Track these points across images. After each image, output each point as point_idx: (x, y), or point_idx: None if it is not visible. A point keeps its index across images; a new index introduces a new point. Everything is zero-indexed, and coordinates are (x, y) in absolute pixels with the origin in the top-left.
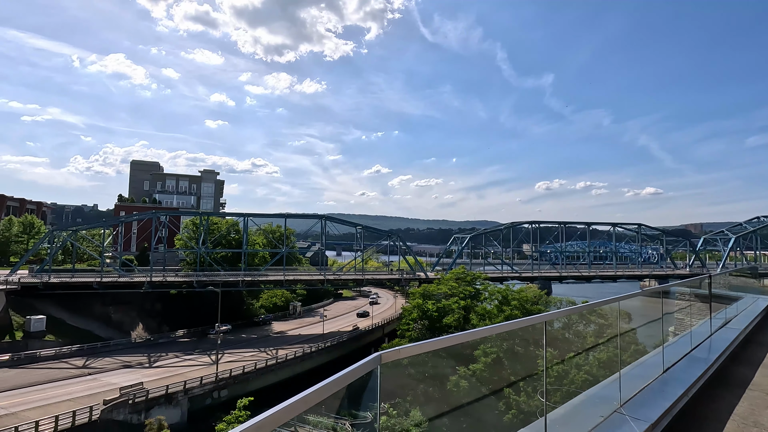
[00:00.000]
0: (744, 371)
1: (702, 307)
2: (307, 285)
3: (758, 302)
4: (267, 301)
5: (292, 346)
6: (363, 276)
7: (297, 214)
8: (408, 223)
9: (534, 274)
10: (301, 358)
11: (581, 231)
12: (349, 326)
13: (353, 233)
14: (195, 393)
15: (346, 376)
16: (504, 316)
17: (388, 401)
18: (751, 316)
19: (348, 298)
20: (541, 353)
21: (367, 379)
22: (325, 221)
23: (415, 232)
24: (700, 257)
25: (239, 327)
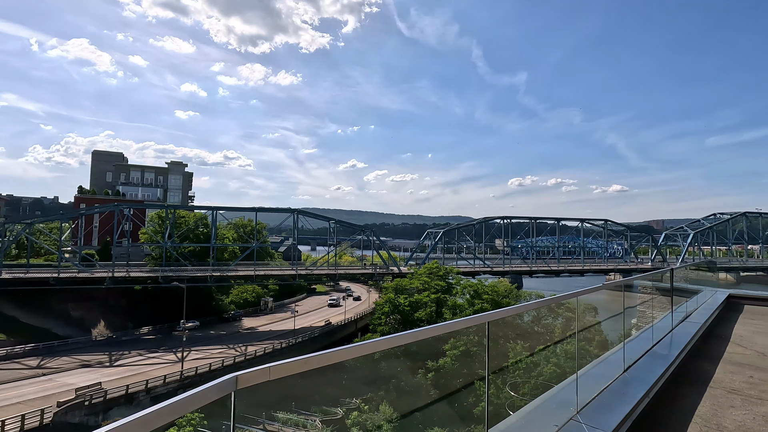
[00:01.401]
0: (706, 367)
1: (664, 301)
2: (279, 280)
3: (716, 295)
4: (237, 296)
5: (262, 342)
6: (336, 271)
7: (268, 207)
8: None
9: (505, 269)
10: (270, 355)
11: (551, 226)
12: (321, 321)
13: (327, 228)
14: (158, 392)
15: (194, 399)
16: (474, 310)
17: (359, 396)
18: (711, 309)
19: (322, 293)
20: (513, 346)
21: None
22: (298, 215)
23: (390, 227)
24: (661, 252)
25: (208, 323)
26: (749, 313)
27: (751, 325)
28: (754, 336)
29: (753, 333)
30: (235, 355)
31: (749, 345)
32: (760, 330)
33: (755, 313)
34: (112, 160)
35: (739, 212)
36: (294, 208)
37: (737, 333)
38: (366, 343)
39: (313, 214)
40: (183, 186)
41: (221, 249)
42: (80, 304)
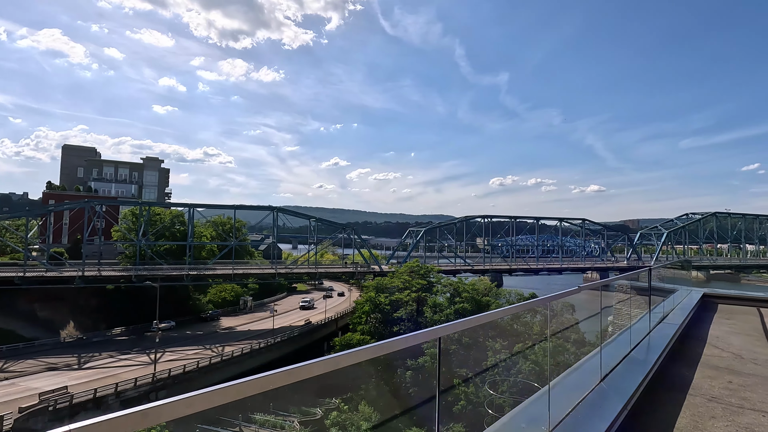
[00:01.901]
0: (684, 372)
1: (641, 301)
2: (259, 279)
3: (692, 295)
4: (215, 295)
5: (240, 342)
6: (316, 270)
7: (247, 205)
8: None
9: (485, 267)
10: (249, 355)
11: (531, 225)
12: (301, 320)
13: (309, 226)
14: (128, 395)
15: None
16: (455, 309)
17: (339, 396)
18: (687, 310)
19: (303, 291)
20: (492, 344)
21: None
22: (277, 213)
23: (372, 226)
24: (636, 251)
25: (184, 323)
26: (723, 312)
27: (726, 325)
28: (729, 337)
29: (728, 333)
30: (211, 356)
31: (725, 347)
32: (734, 330)
33: (729, 312)
34: (84, 155)
35: (709, 212)
36: (274, 205)
37: (713, 334)
38: (324, 360)
39: (294, 212)
40: (159, 182)
41: (199, 247)
42: (48, 305)
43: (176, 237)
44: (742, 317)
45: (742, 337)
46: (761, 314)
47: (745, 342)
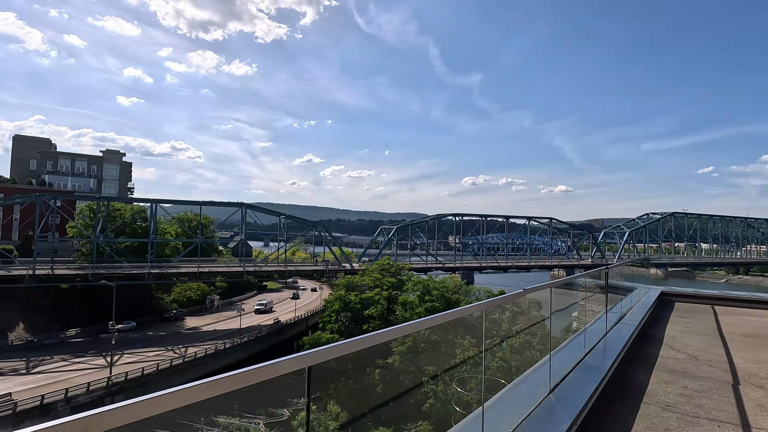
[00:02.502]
0: (639, 377)
1: (599, 301)
2: (227, 277)
3: (650, 293)
4: (180, 294)
5: (205, 342)
6: (286, 267)
7: (215, 201)
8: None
9: (456, 265)
10: (213, 356)
11: (500, 224)
12: (270, 320)
13: (280, 223)
14: (80, 401)
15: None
16: (425, 307)
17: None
18: (645, 309)
19: (273, 290)
20: (460, 342)
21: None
22: (246, 210)
23: (346, 223)
24: (600, 249)
25: (146, 324)
26: (680, 310)
27: (683, 324)
28: (685, 336)
29: (684, 333)
30: (172, 358)
31: (681, 347)
32: (690, 329)
33: (685, 311)
34: (37, 146)
35: (668, 213)
36: (243, 202)
37: (670, 334)
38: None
39: (264, 208)
40: (120, 177)
41: (162, 244)
42: None
43: (138, 234)
44: (697, 315)
45: (698, 336)
46: (715, 312)
47: (701, 342)
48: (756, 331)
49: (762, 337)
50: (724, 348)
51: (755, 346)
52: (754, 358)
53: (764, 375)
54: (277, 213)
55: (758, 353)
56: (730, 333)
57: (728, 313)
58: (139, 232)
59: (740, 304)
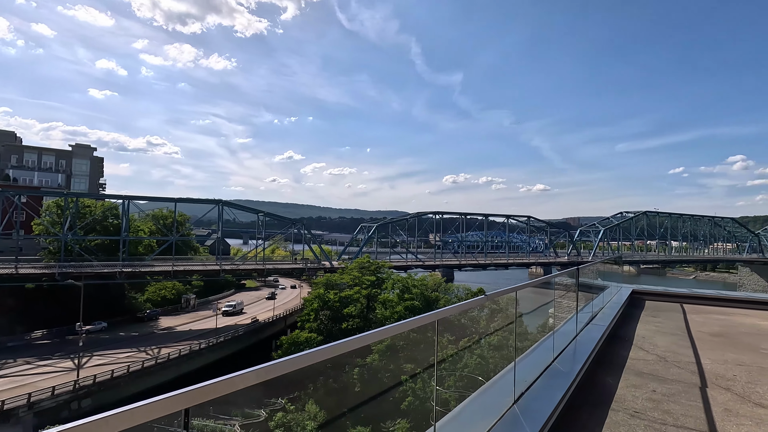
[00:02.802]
0: (608, 381)
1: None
2: (205, 276)
3: (621, 291)
4: (154, 294)
5: (179, 343)
6: (264, 266)
7: (190, 198)
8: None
9: (436, 263)
10: (188, 357)
11: (480, 222)
12: (248, 319)
13: (266, 221)
14: (44, 406)
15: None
16: (404, 306)
17: (285, 396)
18: (616, 308)
19: (252, 288)
20: (440, 339)
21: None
22: (223, 207)
23: (327, 221)
24: (576, 247)
25: (119, 324)
26: (650, 309)
27: (653, 324)
28: (654, 336)
29: (654, 333)
30: (144, 359)
31: (651, 348)
32: (660, 329)
33: (655, 310)
34: (1, 139)
35: (641, 211)
36: (223, 199)
37: (640, 334)
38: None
39: (241, 206)
40: (91, 172)
41: (135, 243)
42: None
43: (109, 231)
44: (667, 314)
45: (667, 336)
46: (684, 311)
47: (670, 342)
48: (723, 330)
49: (728, 336)
50: (692, 348)
51: (722, 345)
52: (721, 358)
53: (730, 377)
54: (255, 210)
55: (725, 353)
56: (698, 332)
57: (697, 311)
58: (111, 230)
59: (708, 302)
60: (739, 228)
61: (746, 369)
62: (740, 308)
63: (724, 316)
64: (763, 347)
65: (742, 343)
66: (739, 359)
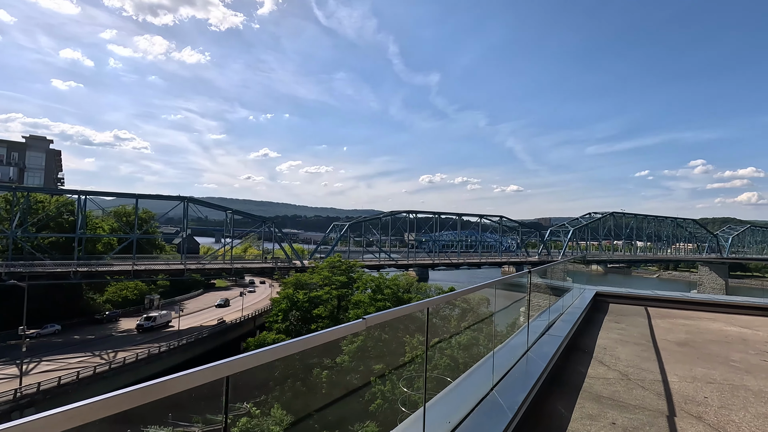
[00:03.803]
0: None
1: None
2: (172, 275)
3: (585, 294)
4: (115, 294)
5: (139, 346)
6: (232, 265)
7: (152, 194)
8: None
9: (409, 262)
10: (146, 360)
11: (453, 221)
12: (214, 320)
13: (237, 219)
14: None
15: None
16: (377, 306)
17: (250, 400)
18: (577, 314)
19: (222, 288)
20: (409, 340)
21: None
22: (188, 203)
23: (303, 219)
24: (546, 246)
25: (74, 326)
26: (613, 313)
27: (615, 331)
28: (617, 347)
29: (616, 342)
30: (97, 364)
31: (612, 362)
32: (623, 337)
33: (619, 314)
34: None
35: (608, 212)
36: (194, 196)
37: (601, 344)
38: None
39: (207, 203)
40: (47, 166)
41: (94, 241)
42: None
43: (64, 229)
44: (631, 319)
45: (631, 347)
46: (648, 314)
47: (633, 354)
48: (689, 338)
49: (695, 346)
50: (657, 361)
51: (689, 357)
52: (689, 374)
53: (701, 399)
54: (223, 208)
55: (693, 367)
56: (663, 341)
57: (661, 315)
58: (66, 227)
59: (672, 305)
60: (700, 229)
61: (718, 388)
62: (705, 311)
63: (690, 321)
64: (733, 359)
65: (710, 353)
66: (709, 375)
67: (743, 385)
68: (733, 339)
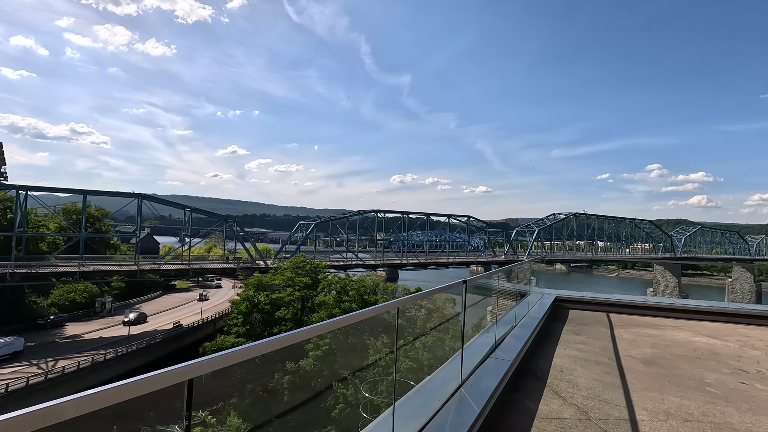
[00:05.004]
0: None
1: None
2: (126, 277)
3: (543, 300)
4: (62, 297)
5: (83, 353)
6: (189, 266)
7: (102, 191)
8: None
9: (377, 262)
10: (89, 369)
11: (422, 221)
12: (170, 323)
13: (200, 218)
14: None
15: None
16: (342, 308)
17: (208, 408)
18: (533, 325)
19: (183, 289)
20: (373, 342)
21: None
22: (142, 200)
23: (272, 219)
24: (512, 246)
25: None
26: (573, 322)
27: (574, 347)
28: (575, 368)
29: (575, 362)
30: (31, 375)
31: (569, 392)
32: (582, 354)
33: (579, 322)
34: None
35: (571, 213)
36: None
37: (558, 364)
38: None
39: (164, 200)
40: None
41: (35, 240)
42: None
43: (2, 227)
44: (592, 330)
45: (591, 367)
46: (611, 323)
47: (594, 379)
48: (656, 354)
49: (663, 365)
50: (623, 388)
51: (659, 382)
52: (660, 407)
53: None
54: (181, 205)
55: (664, 395)
56: (628, 358)
57: (624, 323)
58: (5, 224)
59: (635, 310)
60: (655, 230)
61: (696, 429)
62: (669, 317)
63: (655, 331)
64: (708, 381)
65: (681, 375)
66: (684, 408)
67: (726, 423)
68: (703, 353)
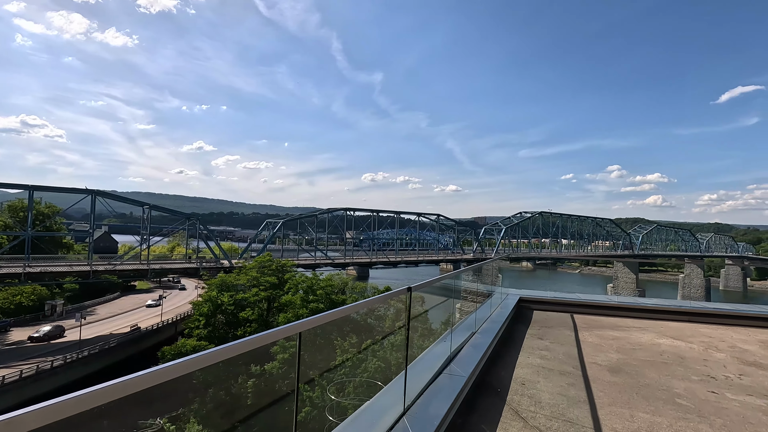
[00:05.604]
0: None
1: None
2: (80, 278)
3: (507, 301)
4: (6, 300)
5: (26, 361)
6: (148, 265)
7: (50, 186)
8: (233, 207)
9: (347, 261)
10: (34, 378)
11: (392, 219)
12: (127, 327)
13: (163, 216)
14: None
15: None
16: (310, 308)
17: (165, 414)
18: (496, 328)
19: (143, 290)
20: (340, 343)
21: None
22: (95, 197)
23: (240, 217)
24: (481, 244)
25: None
26: (537, 324)
27: (537, 353)
28: (538, 380)
29: (538, 372)
30: None
31: (531, 411)
32: (546, 363)
33: (543, 325)
34: None
35: (537, 212)
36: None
37: (519, 376)
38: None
39: (119, 196)
40: None
41: None
42: None
43: None
44: (556, 334)
45: (555, 378)
46: (575, 325)
47: (558, 393)
48: (621, 360)
49: (630, 373)
50: (589, 403)
51: (626, 394)
52: (629, 426)
53: None
54: (139, 203)
55: (632, 410)
56: (594, 366)
57: (588, 325)
58: None
59: (599, 311)
60: (615, 228)
61: None
62: (633, 318)
63: (619, 333)
64: (677, 391)
65: (649, 384)
66: (655, 426)
67: None
68: (669, 357)
